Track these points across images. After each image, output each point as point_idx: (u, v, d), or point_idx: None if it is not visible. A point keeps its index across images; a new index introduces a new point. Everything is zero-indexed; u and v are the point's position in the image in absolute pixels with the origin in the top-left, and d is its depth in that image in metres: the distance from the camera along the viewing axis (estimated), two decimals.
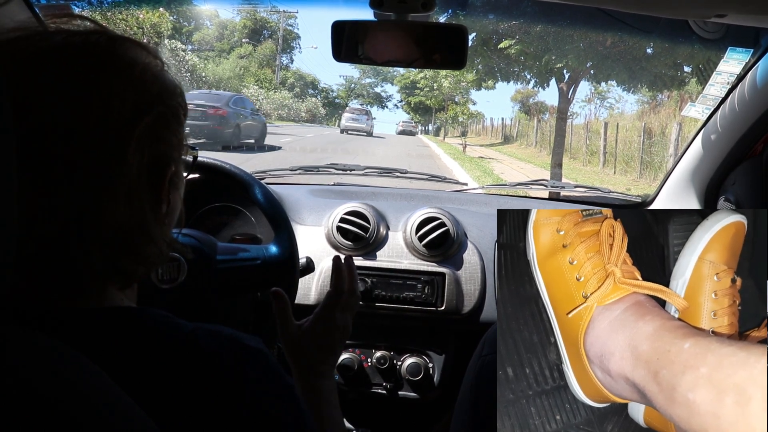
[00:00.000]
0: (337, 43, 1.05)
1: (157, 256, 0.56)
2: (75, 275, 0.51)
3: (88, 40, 0.53)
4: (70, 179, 0.49)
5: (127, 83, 0.52)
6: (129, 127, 0.51)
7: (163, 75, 0.57)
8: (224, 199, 1.46)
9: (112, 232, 0.51)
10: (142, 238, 0.54)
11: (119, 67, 0.53)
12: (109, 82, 0.51)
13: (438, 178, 2.03)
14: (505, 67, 11.31)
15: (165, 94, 0.56)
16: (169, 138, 0.57)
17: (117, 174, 0.51)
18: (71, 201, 0.49)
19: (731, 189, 1.40)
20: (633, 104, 31.95)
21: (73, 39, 0.53)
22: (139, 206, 0.53)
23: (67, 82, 0.50)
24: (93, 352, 0.45)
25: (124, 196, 0.51)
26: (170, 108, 0.57)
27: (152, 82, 0.55)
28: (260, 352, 0.54)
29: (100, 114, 0.50)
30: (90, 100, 0.50)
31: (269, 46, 35.89)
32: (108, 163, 0.50)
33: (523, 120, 24.34)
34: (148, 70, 0.55)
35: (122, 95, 0.51)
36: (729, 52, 1.40)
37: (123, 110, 0.51)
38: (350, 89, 46.34)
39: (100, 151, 0.50)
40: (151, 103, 0.54)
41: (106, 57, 0.53)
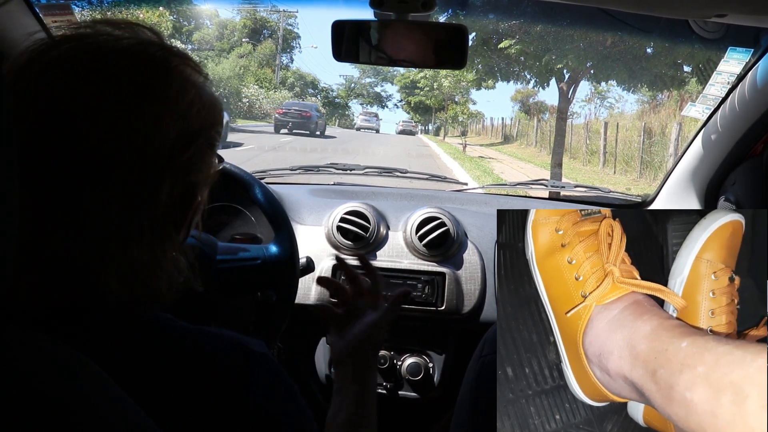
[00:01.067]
0: (337, 42, 1.06)
1: (167, 288, 0.53)
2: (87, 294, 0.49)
3: (147, 51, 0.50)
4: (100, 207, 0.47)
5: (174, 113, 0.50)
6: (168, 161, 0.50)
7: (209, 100, 0.55)
8: (224, 199, 1.46)
9: (130, 264, 0.50)
10: (157, 272, 0.52)
11: (170, 93, 0.50)
12: (158, 110, 0.49)
13: (438, 177, 2.03)
14: (505, 67, 11.31)
15: (207, 124, 0.54)
16: (202, 168, 0.55)
17: (147, 208, 0.49)
18: (99, 229, 0.47)
19: (731, 189, 1.40)
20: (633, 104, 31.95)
21: (135, 47, 0.50)
22: (160, 239, 0.51)
23: (118, 96, 0.47)
24: (97, 353, 0.45)
25: (149, 231, 0.50)
26: (209, 138, 0.55)
27: (197, 114, 0.52)
28: (264, 356, 0.54)
29: (142, 142, 0.48)
30: (135, 123, 0.48)
31: (269, 46, 35.89)
32: (140, 196, 0.49)
33: (523, 120, 24.33)
34: (197, 100, 0.52)
35: (167, 126, 0.49)
36: (729, 52, 1.40)
37: (165, 142, 0.49)
38: (350, 89, 46.33)
39: (134, 181, 0.48)
40: (193, 136, 0.52)
41: (161, 77, 0.50)
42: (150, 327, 0.51)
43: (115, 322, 0.50)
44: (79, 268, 0.48)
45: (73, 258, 0.47)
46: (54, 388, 0.38)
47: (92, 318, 0.49)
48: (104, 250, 0.48)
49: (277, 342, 1.21)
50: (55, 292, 0.48)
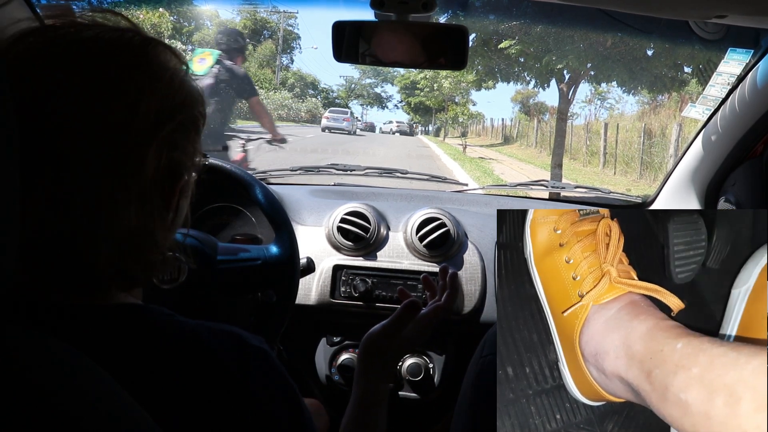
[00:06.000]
0: (338, 43, 1.06)
1: (160, 263, 0.56)
2: (81, 275, 0.50)
3: (122, 37, 0.52)
4: (87, 179, 0.48)
5: (155, 88, 0.52)
6: (151, 132, 0.51)
7: (189, 82, 0.57)
8: (225, 200, 1.46)
9: (122, 235, 0.51)
10: (149, 244, 0.53)
11: (149, 70, 0.52)
12: (139, 85, 0.51)
13: (438, 178, 2.03)
14: (506, 68, 11.32)
15: (188, 102, 0.56)
16: (186, 147, 0.56)
17: (133, 178, 0.50)
18: (86, 201, 0.48)
19: (731, 190, 1.40)
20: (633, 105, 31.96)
21: (106, 34, 0.51)
22: (149, 212, 0.52)
23: (96, 78, 0.49)
24: (95, 347, 0.45)
25: (137, 201, 0.51)
26: (191, 117, 0.56)
27: (178, 90, 0.54)
28: (262, 351, 0.55)
29: (126, 116, 0.49)
30: (117, 101, 0.49)
31: (269, 47, 35.89)
32: (126, 167, 0.50)
33: (524, 120, 24.33)
34: (175, 77, 0.54)
35: (149, 100, 0.51)
36: (729, 53, 1.40)
37: (148, 115, 0.50)
38: (350, 90, 46.35)
39: (120, 153, 0.49)
40: (175, 111, 0.53)
41: (138, 58, 0.52)
42: (149, 321, 0.51)
43: (115, 316, 0.50)
44: (67, 241, 0.48)
45: (61, 233, 0.48)
46: (53, 387, 0.38)
47: (87, 312, 0.49)
48: (92, 220, 0.49)
49: (277, 342, 1.21)
50: (46, 276, 0.49)
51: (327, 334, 1.54)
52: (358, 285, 1.41)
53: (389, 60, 1.08)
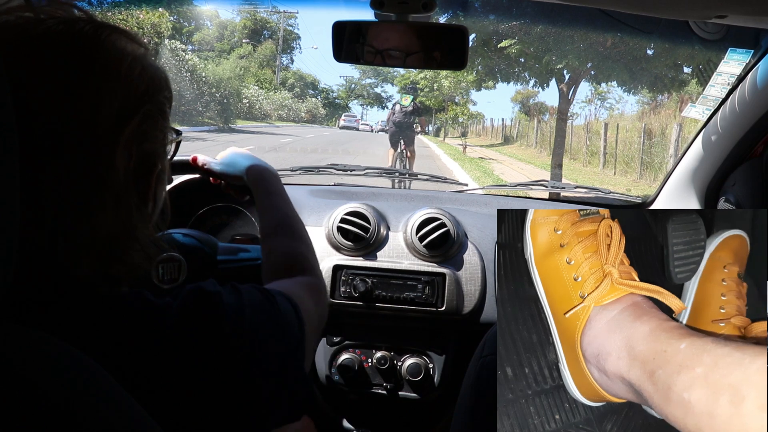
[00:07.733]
0: (338, 43, 1.06)
1: (144, 260, 0.54)
2: (63, 283, 0.49)
3: (72, 29, 0.49)
4: (57, 186, 0.46)
5: (114, 82, 0.50)
6: (116, 130, 0.49)
7: (150, 67, 0.54)
8: (224, 199, 1.46)
9: (101, 239, 0.49)
10: (130, 243, 0.52)
11: (106, 63, 0.50)
12: (97, 81, 0.49)
13: (438, 178, 2.03)
14: (506, 68, 11.32)
15: (152, 89, 0.54)
16: (156, 135, 0.55)
17: (105, 180, 0.49)
18: (60, 209, 0.47)
19: (731, 190, 1.40)
20: (633, 105, 32.01)
21: (57, 27, 0.49)
22: (127, 210, 0.51)
23: (52, 78, 0.47)
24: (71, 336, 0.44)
25: (112, 201, 0.49)
26: (157, 104, 0.54)
27: (140, 79, 0.52)
28: (216, 294, 0.54)
29: (88, 116, 0.47)
30: (76, 100, 0.47)
31: (269, 47, 35.91)
32: (95, 170, 0.48)
33: (524, 121, 24.34)
34: (135, 65, 0.52)
35: (110, 95, 0.49)
36: (729, 53, 1.40)
37: (110, 112, 0.49)
38: (350, 90, 46.37)
39: (87, 156, 0.47)
40: (139, 103, 0.51)
41: (92, 51, 0.49)
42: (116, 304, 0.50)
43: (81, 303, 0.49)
44: (45, 249, 0.47)
45: (39, 239, 0.47)
46: (49, 384, 0.38)
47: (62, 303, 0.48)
48: (68, 226, 0.47)
49: None
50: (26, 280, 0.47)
51: (327, 334, 1.54)
52: (358, 285, 1.41)
53: (389, 60, 1.08)
